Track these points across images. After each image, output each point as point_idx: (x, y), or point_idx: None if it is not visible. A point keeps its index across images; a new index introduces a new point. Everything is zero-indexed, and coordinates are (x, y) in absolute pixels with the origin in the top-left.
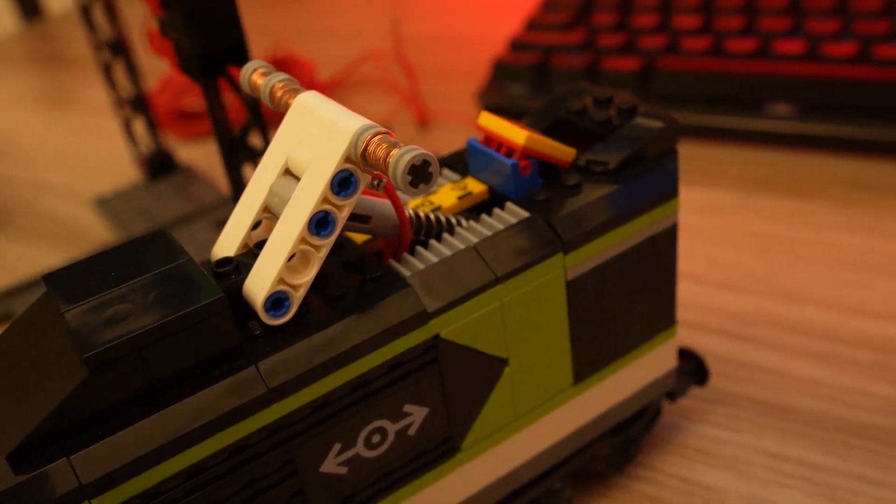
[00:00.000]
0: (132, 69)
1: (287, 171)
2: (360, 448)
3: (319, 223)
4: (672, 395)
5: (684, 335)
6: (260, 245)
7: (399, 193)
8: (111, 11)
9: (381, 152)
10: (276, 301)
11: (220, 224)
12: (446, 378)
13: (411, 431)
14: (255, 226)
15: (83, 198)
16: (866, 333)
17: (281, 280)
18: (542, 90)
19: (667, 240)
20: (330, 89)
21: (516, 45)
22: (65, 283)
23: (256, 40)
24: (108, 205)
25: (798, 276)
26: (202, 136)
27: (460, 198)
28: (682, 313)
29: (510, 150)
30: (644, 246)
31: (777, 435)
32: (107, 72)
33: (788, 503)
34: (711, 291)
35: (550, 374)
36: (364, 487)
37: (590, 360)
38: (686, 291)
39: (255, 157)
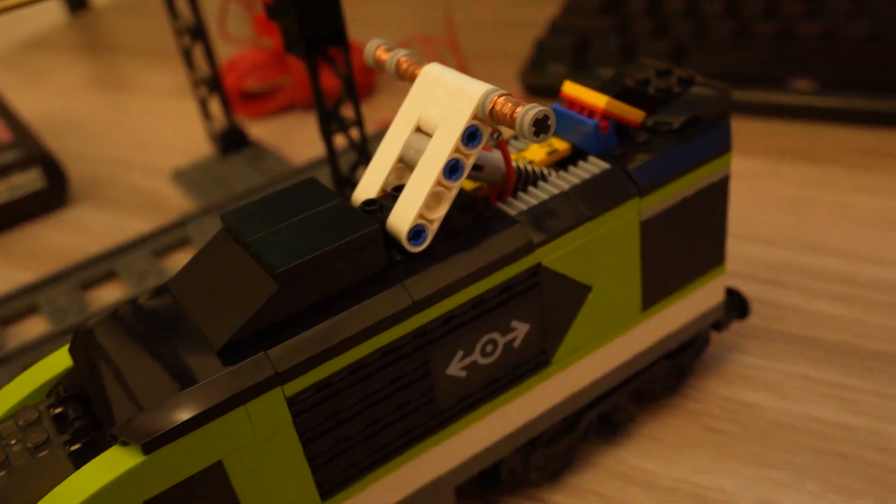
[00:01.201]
0: (209, 53)
1: (418, 129)
2: (476, 356)
3: (452, 169)
4: (718, 327)
5: None
6: (397, 189)
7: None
8: (192, 0)
9: (507, 109)
10: (417, 232)
11: None
12: (544, 300)
13: (515, 344)
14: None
15: (161, 172)
16: (881, 278)
17: (421, 215)
18: (581, 70)
19: (720, 188)
20: (378, 72)
21: (556, 28)
22: (240, 220)
23: None
24: (186, 177)
25: (819, 231)
26: (265, 115)
27: (548, 154)
28: None
29: (591, 113)
30: (703, 193)
31: (806, 362)
32: (187, 55)
33: (819, 414)
34: (742, 244)
35: (623, 301)
36: (477, 390)
37: (655, 290)
38: None
39: (346, 126)
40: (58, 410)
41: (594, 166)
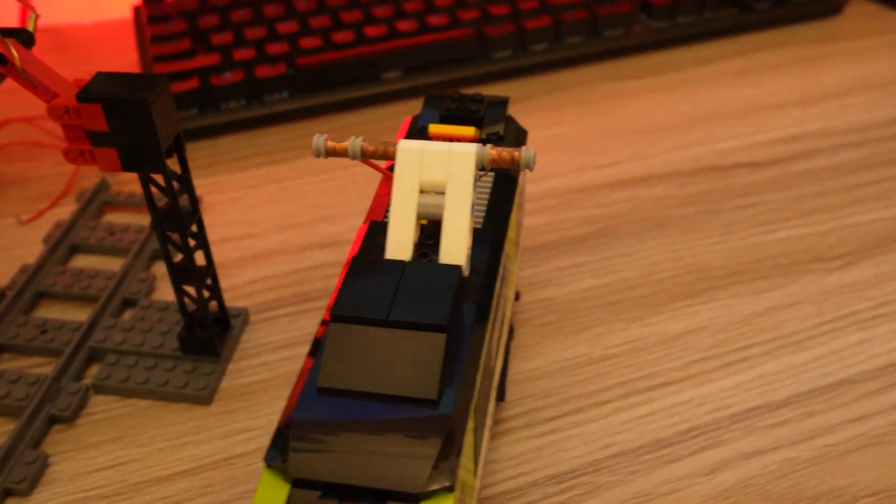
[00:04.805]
0: None
1: (422, 191)
2: (495, 337)
3: (471, 209)
4: None
5: None
6: (427, 238)
7: None
8: None
9: (506, 155)
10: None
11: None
12: (505, 277)
13: (502, 315)
14: None
15: None
16: (550, 190)
17: (468, 247)
18: (210, 111)
19: None
20: None
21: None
22: (351, 307)
23: None
24: None
25: None
26: None
27: None
28: None
29: (461, 141)
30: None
31: (534, 261)
32: None
33: (587, 285)
34: None
35: (514, 258)
36: (496, 351)
37: (513, 241)
38: None
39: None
40: None
41: (485, 177)
